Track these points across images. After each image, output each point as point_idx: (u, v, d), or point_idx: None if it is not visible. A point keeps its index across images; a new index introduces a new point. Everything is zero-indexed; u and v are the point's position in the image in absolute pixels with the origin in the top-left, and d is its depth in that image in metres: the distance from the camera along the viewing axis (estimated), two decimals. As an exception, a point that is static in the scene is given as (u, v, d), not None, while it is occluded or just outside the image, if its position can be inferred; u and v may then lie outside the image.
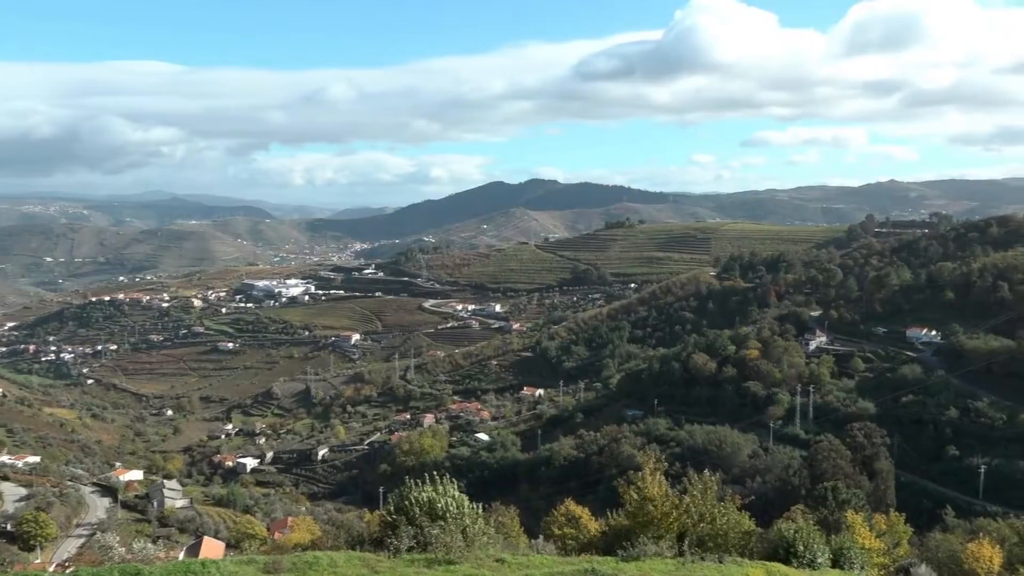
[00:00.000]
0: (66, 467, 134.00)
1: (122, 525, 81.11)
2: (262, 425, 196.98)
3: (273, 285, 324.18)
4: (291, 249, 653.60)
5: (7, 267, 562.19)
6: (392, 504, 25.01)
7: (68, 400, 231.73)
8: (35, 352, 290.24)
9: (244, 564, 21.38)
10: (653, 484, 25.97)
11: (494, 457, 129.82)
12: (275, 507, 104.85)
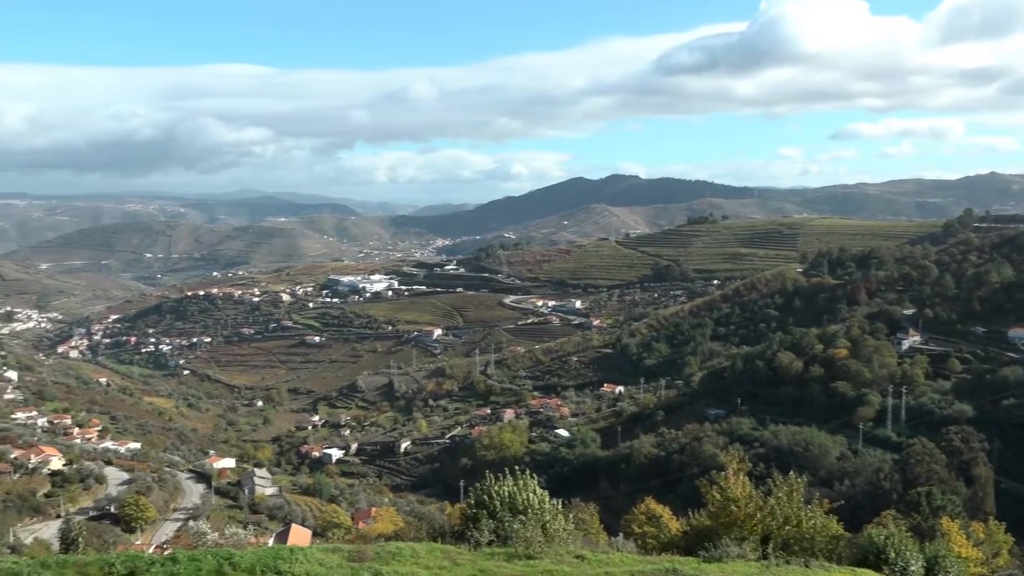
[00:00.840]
0: (164, 454, 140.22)
1: (215, 511, 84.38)
2: (347, 417, 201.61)
3: (357, 281, 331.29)
4: (375, 245, 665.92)
5: (111, 263, 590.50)
6: (473, 498, 25.30)
7: (166, 390, 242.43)
8: (136, 344, 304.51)
9: (330, 552, 21.99)
10: (736, 484, 25.52)
11: (574, 453, 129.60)
12: (359, 497, 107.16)
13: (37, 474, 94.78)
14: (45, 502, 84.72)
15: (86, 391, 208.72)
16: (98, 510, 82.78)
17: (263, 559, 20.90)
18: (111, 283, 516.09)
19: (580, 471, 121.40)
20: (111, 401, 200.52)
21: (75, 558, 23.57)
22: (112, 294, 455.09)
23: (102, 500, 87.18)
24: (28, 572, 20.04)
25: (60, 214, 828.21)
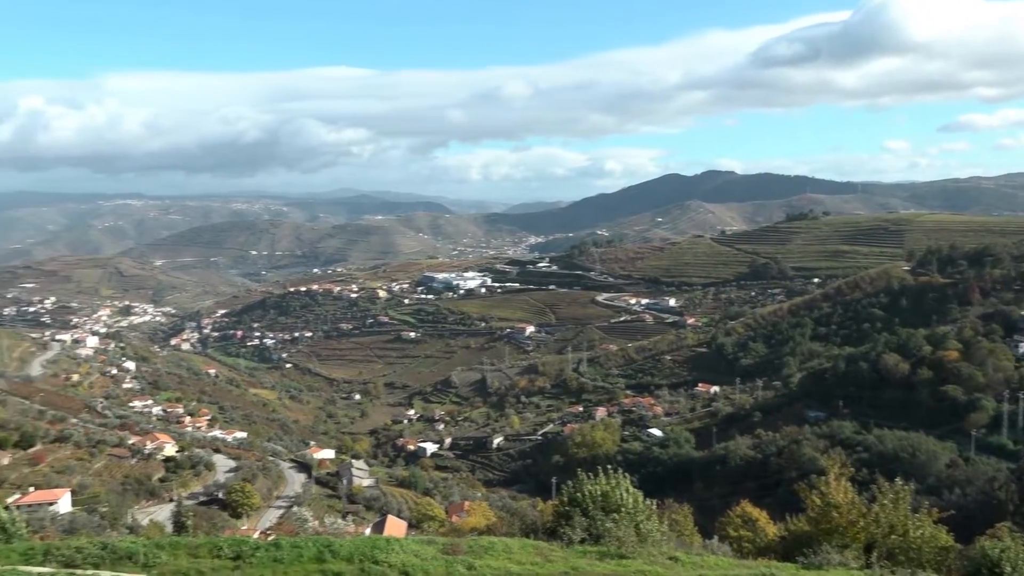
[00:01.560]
0: (268, 443, 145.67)
1: (315, 500, 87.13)
2: (441, 412, 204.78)
3: (452, 278, 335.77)
4: (468, 243, 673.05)
5: (219, 259, 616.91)
6: (566, 495, 25.36)
7: (270, 382, 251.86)
8: (242, 337, 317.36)
9: (425, 544, 22.43)
10: (838, 490, 24.72)
11: (667, 453, 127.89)
12: (452, 491, 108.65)
13: (152, 459, 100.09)
14: (159, 486, 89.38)
15: (196, 382, 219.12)
16: (207, 495, 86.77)
17: (361, 548, 21.51)
18: (219, 279, 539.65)
19: (673, 471, 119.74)
20: (219, 392, 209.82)
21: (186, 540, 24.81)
22: (220, 290, 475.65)
23: (211, 486, 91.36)
24: (144, 552, 21.24)
25: (173, 213, 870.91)
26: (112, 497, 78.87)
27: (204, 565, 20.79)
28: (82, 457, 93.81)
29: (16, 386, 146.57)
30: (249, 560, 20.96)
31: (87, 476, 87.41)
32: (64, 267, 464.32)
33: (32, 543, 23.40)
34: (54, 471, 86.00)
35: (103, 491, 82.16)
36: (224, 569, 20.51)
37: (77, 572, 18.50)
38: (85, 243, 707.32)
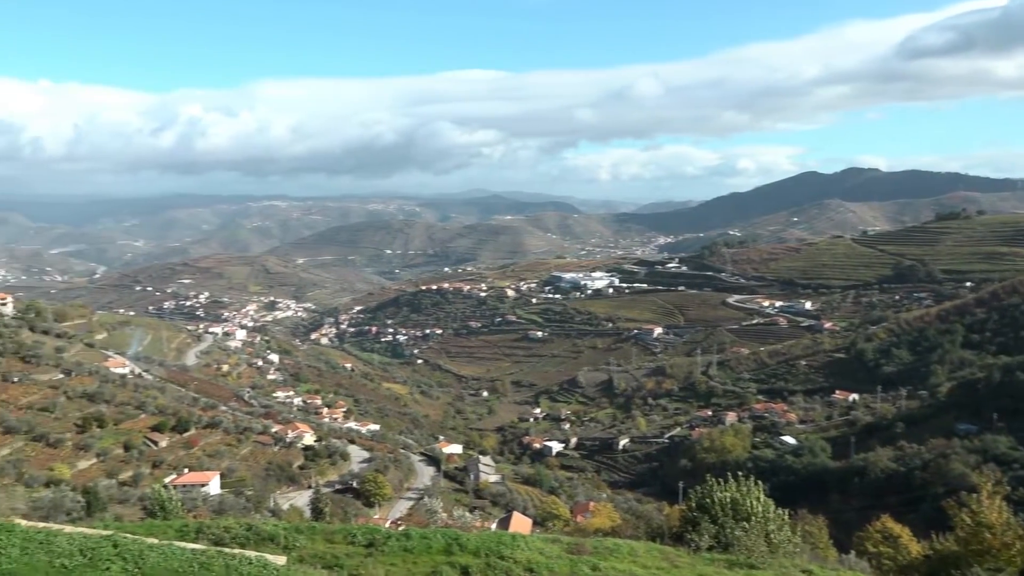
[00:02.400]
0: (399, 436, 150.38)
1: (444, 493, 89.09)
2: (567, 411, 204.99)
3: (579, 277, 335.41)
4: (596, 243, 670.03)
5: (356, 258, 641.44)
6: (694, 500, 24.89)
7: (402, 377, 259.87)
8: (376, 333, 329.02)
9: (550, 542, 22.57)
10: (991, 509, 23.03)
11: (801, 462, 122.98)
12: (578, 491, 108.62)
13: (293, 448, 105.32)
14: (299, 473, 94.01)
15: (334, 375, 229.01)
16: (342, 484, 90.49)
17: (487, 543, 21.90)
18: (356, 277, 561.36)
19: (807, 481, 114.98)
20: (354, 385, 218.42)
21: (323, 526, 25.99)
22: (357, 287, 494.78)
23: (346, 475, 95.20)
24: (285, 535, 22.43)
25: (314, 214, 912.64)
26: (256, 481, 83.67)
27: (339, 550, 21.75)
28: (230, 443, 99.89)
29: (174, 374, 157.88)
30: (381, 548, 21.76)
31: (234, 461, 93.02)
32: (217, 264, 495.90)
33: (186, 520, 25.19)
34: (206, 455, 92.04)
35: (248, 475, 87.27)
36: (357, 555, 21.38)
37: (225, 550, 19.74)
38: (235, 242, 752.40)
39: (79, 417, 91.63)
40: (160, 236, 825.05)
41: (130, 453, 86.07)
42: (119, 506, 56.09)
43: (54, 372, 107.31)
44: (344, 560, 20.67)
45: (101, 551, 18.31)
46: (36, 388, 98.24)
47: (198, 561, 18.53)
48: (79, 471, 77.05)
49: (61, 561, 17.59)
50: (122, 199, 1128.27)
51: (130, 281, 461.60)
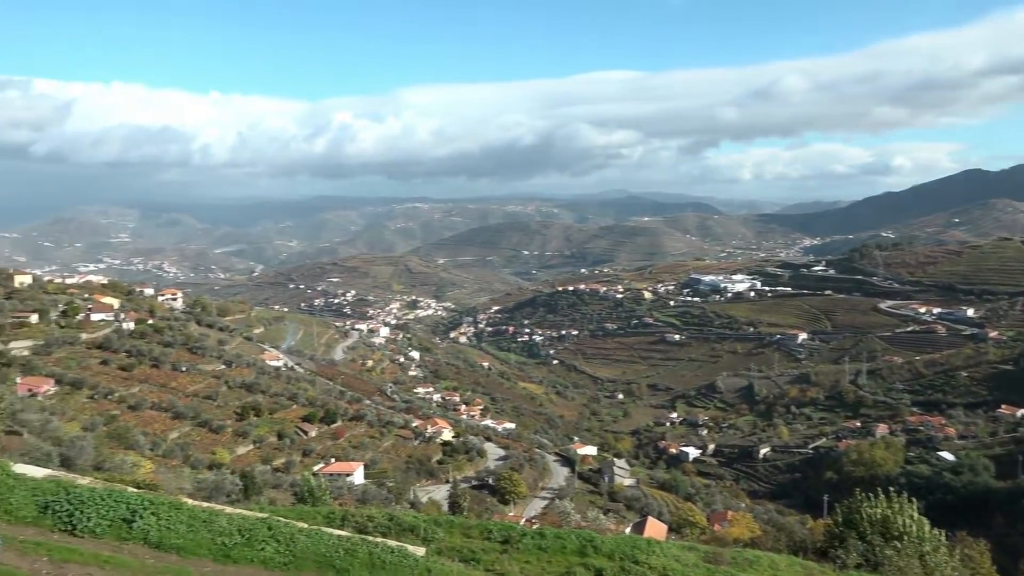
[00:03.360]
0: (534, 435, 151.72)
1: (578, 494, 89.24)
2: (704, 417, 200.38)
3: (719, 280, 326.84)
4: (737, 245, 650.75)
5: (494, 259, 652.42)
6: (840, 515, 23.80)
7: (537, 377, 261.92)
8: (513, 333, 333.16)
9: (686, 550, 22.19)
10: None
11: (960, 480, 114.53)
12: (715, 499, 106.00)
13: (432, 443, 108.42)
14: (437, 468, 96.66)
15: (471, 373, 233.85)
16: (479, 480, 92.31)
17: (622, 546, 21.79)
18: (494, 277, 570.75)
19: (967, 502, 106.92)
20: (491, 383, 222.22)
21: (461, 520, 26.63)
22: (494, 287, 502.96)
23: (482, 472, 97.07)
24: (424, 527, 23.15)
25: (454, 215, 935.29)
26: (397, 474, 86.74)
27: (475, 545, 22.24)
28: (373, 435, 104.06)
29: (323, 368, 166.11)
30: (516, 545, 22.07)
31: (377, 453, 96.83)
32: (363, 264, 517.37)
33: (333, 508, 26.48)
34: (351, 446, 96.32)
35: (390, 468, 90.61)
36: (493, 551, 21.79)
37: (368, 538, 20.62)
38: (380, 242, 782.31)
39: (238, 406, 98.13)
40: (312, 237, 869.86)
41: (283, 441, 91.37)
42: (272, 491, 59.58)
43: (217, 363, 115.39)
44: (480, 555, 21.12)
45: (257, 532, 19.58)
46: (201, 377, 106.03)
47: (344, 547, 19.48)
48: (237, 456, 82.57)
49: (222, 540, 18.95)
50: (279, 202, 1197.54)
51: (284, 279, 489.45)
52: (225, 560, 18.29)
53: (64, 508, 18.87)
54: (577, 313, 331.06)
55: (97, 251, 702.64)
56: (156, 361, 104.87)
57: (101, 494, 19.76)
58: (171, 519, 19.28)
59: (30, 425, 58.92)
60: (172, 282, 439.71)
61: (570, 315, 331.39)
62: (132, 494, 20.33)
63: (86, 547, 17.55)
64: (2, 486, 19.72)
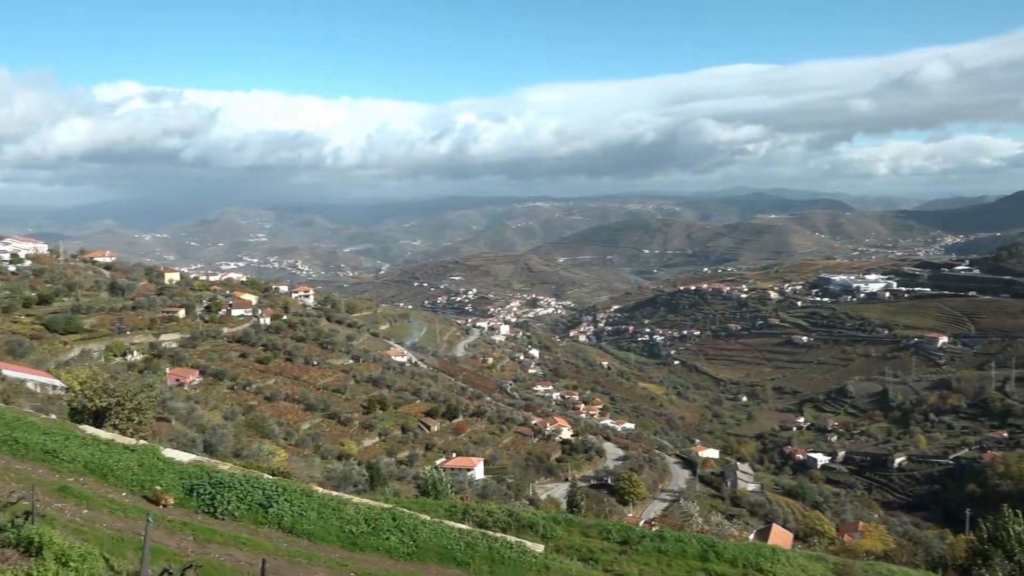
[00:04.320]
0: (654, 436, 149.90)
1: (699, 497, 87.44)
2: (834, 422, 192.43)
3: (851, 280, 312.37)
4: (871, 243, 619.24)
5: (614, 258, 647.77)
6: (984, 531, 22.35)
7: (657, 377, 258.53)
8: (633, 332, 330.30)
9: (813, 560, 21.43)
10: None
11: None
12: (845, 508, 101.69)
13: (551, 441, 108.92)
14: (556, 466, 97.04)
15: (591, 372, 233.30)
16: (597, 480, 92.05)
17: (745, 553, 21.25)
18: (614, 276, 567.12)
19: None
20: (611, 383, 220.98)
21: (579, 519, 26.65)
22: (614, 286, 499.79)
23: (601, 471, 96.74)
24: (543, 524, 23.33)
25: (575, 214, 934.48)
26: (516, 470, 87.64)
27: (594, 544, 22.23)
28: (493, 432, 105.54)
29: (445, 364, 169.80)
30: (635, 547, 21.92)
31: (497, 449, 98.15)
32: (484, 263, 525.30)
33: (454, 502, 27.09)
34: (471, 441, 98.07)
35: (509, 464, 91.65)
36: (611, 551, 21.73)
37: (488, 533, 20.99)
38: (501, 241, 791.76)
39: (365, 399, 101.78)
40: (435, 236, 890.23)
41: (407, 435, 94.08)
42: (397, 482, 61.40)
43: (345, 358, 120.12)
44: (599, 555, 21.10)
45: (382, 522, 20.32)
46: (331, 371, 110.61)
47: (464, 540, 19.92)
48: (364, 447, 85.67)
49: (349, 528, 19.78)
50: (404, 202, 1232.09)
51: (409, 277, 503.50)
52: (352, 547, 19.08)
53: (207, 491, 20.19)
54: (699, 313, 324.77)
55: (237, 250, 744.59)
56: (290, 355, 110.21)
57: (240, 480, 21.01)
58: (303, 506, 20.28)
59: (177, 413, 63.18)
60: (305, 280, 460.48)
61: (692, 315, 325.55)
62: (268, 481, 21.50)
63: (226, 529, 18.72)
64: (153, 469, 21.29)
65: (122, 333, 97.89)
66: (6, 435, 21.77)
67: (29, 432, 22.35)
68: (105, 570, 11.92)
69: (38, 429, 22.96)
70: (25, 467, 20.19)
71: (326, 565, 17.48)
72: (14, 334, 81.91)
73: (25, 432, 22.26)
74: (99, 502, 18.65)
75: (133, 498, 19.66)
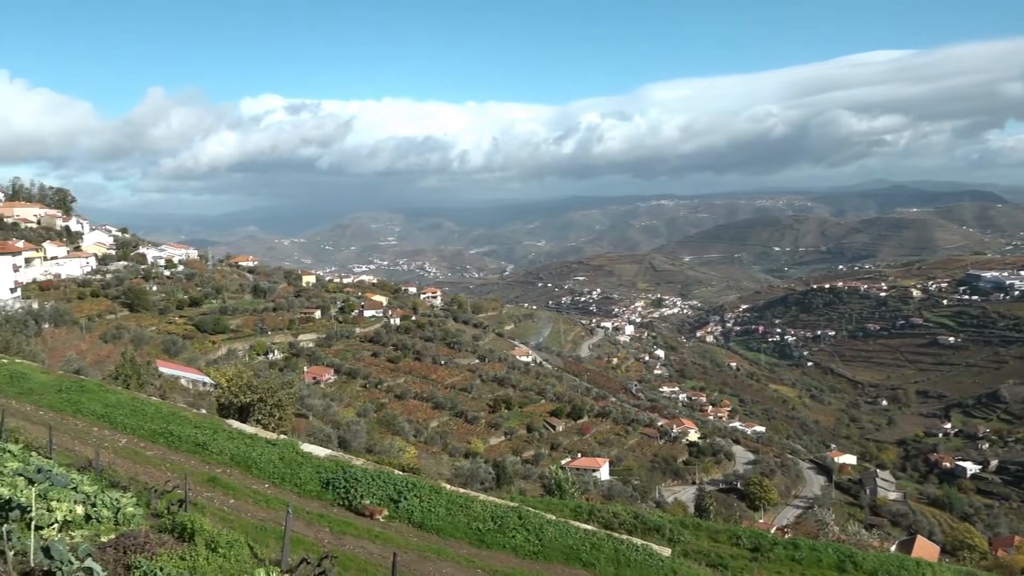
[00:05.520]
0: (787, 440, 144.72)
1: (835, 505, 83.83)
2: (985, 429, 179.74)
3: (1003, 277, 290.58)
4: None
5: (743, 256, 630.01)
6: None
7: (790, 379, 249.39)
8: (763, 333, 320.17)
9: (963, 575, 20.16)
10: None
11: None
12: (999, 521, 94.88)
13: (678, 443, 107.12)
14: (683, 468, 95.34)
15: (719, 373, 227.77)
16: (726, 484, 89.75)
17: (886, 565, 20.24)
18: (742, 275, 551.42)
19: None
20: (739, 384, 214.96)
21: (708, 524, 26.12)
22: (743, 285, 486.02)
23: (730, 475, 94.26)
24: (670, 528, 23.00)
25: (700, 212, 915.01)
26: (642, 472, 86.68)
27: (723, 551, 21.73)
28: (618, 433, 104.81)
29: (569, 364, 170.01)
30: (767, 554, 21.28)
31: (622, 450, 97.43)
32: (607, 262, 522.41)
33: (580, 502, 27.12)
34: (596, 442, 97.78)
35: (635, 465, 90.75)
36: (741, 558, 21.17)
37: (614, 534, 20.89)
38: (624, 241, 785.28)
39: (491, 398, 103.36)
40: (558, 236, 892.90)
41: (532, 434, 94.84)
42: (522, 481, 62.06)
43: (471, 357, 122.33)
44: (728, 561, 20.62)
45: (508, 520, 20.60)
46: (458, 371, 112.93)
47: (590, 541, 19.91)
48: (490, 446, 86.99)
49: (477, 525, 20.17)
50: (527, 203, 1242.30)
51: (533, 278, 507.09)
52: (479, 544, 19.45)
53: (342, 485, 21.08)
54: (834, 312, 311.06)
55: (369, 253, 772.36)
56: (418, 354, 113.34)
57: (372, 475, 21.81)
58: (432, 502, 20.84)
59: (314, 409, 66.23)
60: (432, 281, 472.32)
61: (826, 314, 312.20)
62: (399, 476, 22.22)
63: (360, 522, 19.49)
64: (292, 463, 22.42)
65: (264, 333, 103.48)
66: (163, 428, 23.49)
67: (182, 426, 24.02)
68: (249, 557, 12.65)
69: (190, 423, 24.64)
70: (179, 458, 21.71)
71: (454, 561, 17.89)
72: (169, 334, 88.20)
73: (179, 426, 23.95)
74: (244, 493, 19.83)
75: (276, 490, 20.78)
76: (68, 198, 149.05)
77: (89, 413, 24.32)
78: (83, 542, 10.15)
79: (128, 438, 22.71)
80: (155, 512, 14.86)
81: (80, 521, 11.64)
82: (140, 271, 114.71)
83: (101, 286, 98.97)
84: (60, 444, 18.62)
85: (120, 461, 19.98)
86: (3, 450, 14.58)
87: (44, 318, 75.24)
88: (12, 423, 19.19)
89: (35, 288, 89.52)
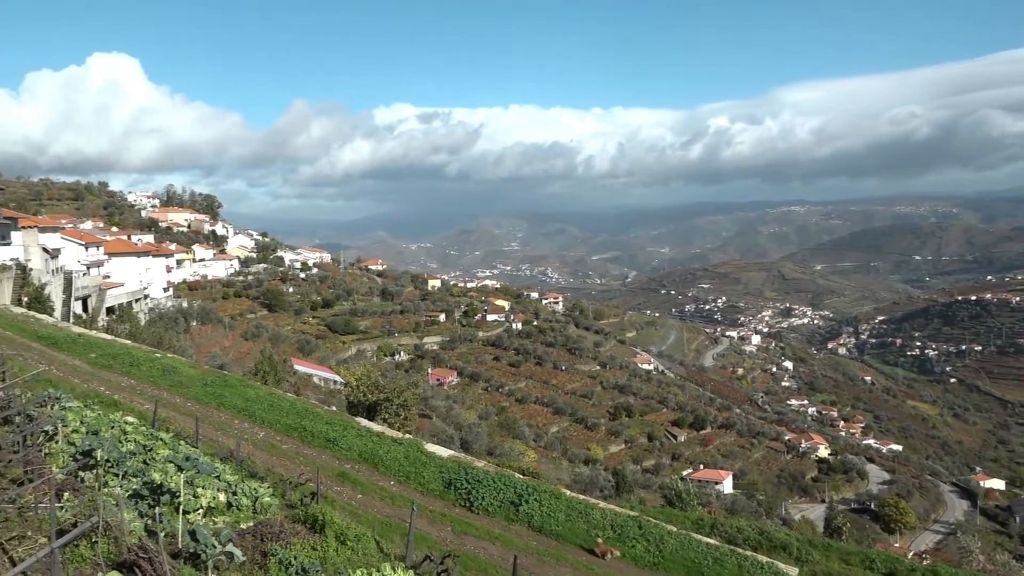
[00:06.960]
0: (926, 461, 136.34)
1: (980, 532, 78.36)
2: None
3: None
4: None
5: (879, 264, 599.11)
6: None
7: (930, 396, 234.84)
8: (901, 346, 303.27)
9: None
10: None
11: None
12: None
13: (806, 458, 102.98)
14: (811, 485, 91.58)
15: (851, 387, 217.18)
16: (859, 503, 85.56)
17: (1038, 600, 18.76)
18: (878, 284, 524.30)
19: None
20: (874, 400, 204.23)
21: (839, 544, 24.99)
22: (879, 295, 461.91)
23: (863, 495, 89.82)
24: (798, 546, 22.14)
25: (834, 218, 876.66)
26: (768, 487, 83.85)
27: (855, 574, 20.74)
28: (743, 445, 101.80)
29: (692, 374, 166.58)
30: (903, 580, 20.15)
31: (747, 463, 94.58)
32: (734, 270, 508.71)
33: (702, 515, 26.51)
34: (719, 453, 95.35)
35: (760, 480, 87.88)
36: (876, 582, 20.11)
37: (737, 550, 20.30)
38: (752, 248, 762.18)
39: (611, 405, 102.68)
40: (683, 243, 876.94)
41: (652, 443, 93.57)
42: (642, 490, 61.26)
43: (592, 364, 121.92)
44: (860, 584, 19.66)
45: (628, 529, 20.40)
46: (578, 377, 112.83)
47: (712, 556, 19.44)
48: (610, 453, 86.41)
49: (595, 532, 20.08)
50: (651, 209, 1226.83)
51: (656, 285, 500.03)
52: (598, 552, 19.32)
53: (464, 486, 21.47)
54: (981, 326, 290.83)
55: (492, 258, 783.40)
56: (539, 359, 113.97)
57: (494, 477, 22.11)
58: (551, 507, 20.91)
59: (438, 410, 67.78)
60: (554, 287, 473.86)
61: (972, 328, 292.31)
62: (519, 480, 22.43)
63: (480, 523, 19.80)
64: (416, 462, 23.03)
65: (391, 335, 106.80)
66: (297, 423, 24.66)
67: (315, 422, 25.13)
68: (376, 551, 13.11)
69: (321, 419, 25.75)
70: (311, 452, 22.73)
71: (572, 566, 17.89)
72: (303, 333, 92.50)
73: (312, 421, 25.07)
74: (371, 489, 20.55)
75: (401, 488, 21.42)
76: (215, 204, 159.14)
77: (231, 406, 25.84)
78: (225, 528, 10.84)
79: (266, 431, 23.98)
80: (289, 503, 15.63)
81: (222, 508, 12.42)
82: (278, 273, 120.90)
83: (243, 287, 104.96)
84: (204, 435, 19.90)
85: (258, 453, 21.12)
86: (156, 438, 15.71)
87: (192, 316, 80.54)
88: (163, 413, 20.66)
89: (185, 288, 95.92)
